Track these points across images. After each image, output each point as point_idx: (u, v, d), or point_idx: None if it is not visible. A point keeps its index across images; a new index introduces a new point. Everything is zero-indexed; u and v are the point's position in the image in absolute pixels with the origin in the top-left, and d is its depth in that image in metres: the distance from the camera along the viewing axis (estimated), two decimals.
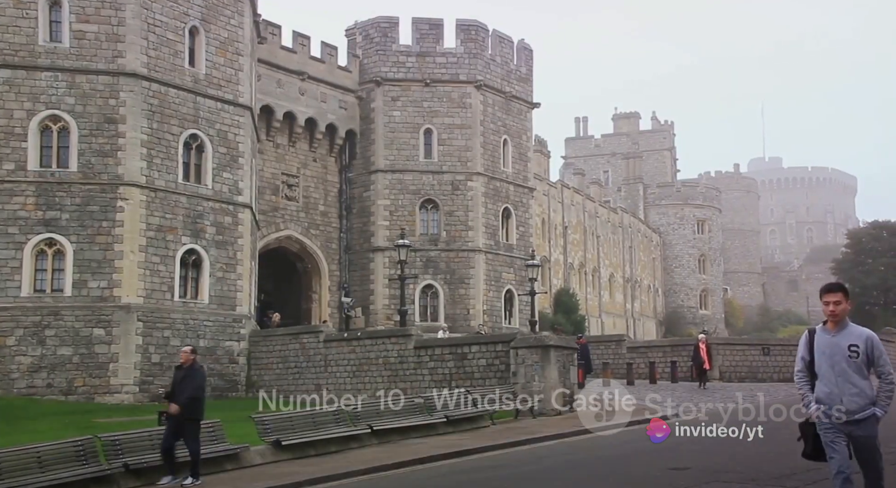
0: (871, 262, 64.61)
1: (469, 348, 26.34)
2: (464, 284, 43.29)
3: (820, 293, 7.29)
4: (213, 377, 31.67)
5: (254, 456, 16.79)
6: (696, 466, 12.66)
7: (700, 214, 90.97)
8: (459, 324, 42.41)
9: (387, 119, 44.02)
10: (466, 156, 44.30)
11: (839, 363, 7.11)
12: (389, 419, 19.41)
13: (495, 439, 18.29)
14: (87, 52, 30.13)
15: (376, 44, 44.65)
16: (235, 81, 33.94)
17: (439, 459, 16.15)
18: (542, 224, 60.11)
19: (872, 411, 7.10)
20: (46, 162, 29.64)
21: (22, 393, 27.95)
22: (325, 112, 43.20)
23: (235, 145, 33.69)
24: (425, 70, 44.37)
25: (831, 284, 7.34)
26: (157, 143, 30.93)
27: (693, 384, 30.67)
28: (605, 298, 73.30)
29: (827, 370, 7.17)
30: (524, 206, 47.71)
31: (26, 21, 29.70)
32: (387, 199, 43.58)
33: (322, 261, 43.23)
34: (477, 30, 45.40)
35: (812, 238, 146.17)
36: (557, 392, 23.17)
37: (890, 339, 43.67)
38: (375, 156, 43.90)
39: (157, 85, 31.06)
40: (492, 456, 16.39)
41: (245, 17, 34.66)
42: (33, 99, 29.58)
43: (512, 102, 47.10)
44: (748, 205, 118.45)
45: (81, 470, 14.05)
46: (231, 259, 32.99)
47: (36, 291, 29.07)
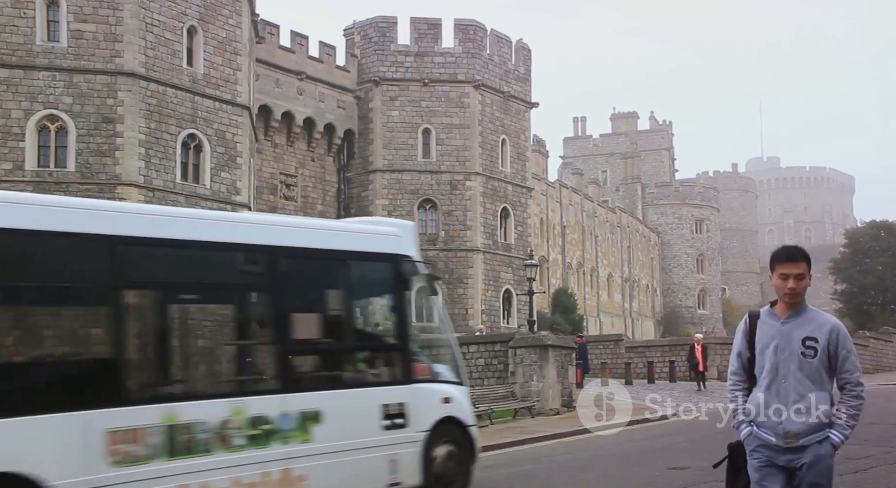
0: (869, 262, 64.61)
1: (467, 348, 26.25)
2: (462, 284, 43.29)
3: (772, 261, 4.97)
4: None
5: None
6: (694, 466, 12.65)
7: (698, 214, 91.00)
8: (458, 323, 42.38)
9: (385, 119, 44.01)
10: (465, 156, 44.29)
11: (786, 362, 4.87)
12: None
13: (493, 439, 18.25)
14: (85, 52, 30.10)
15: (375, 43, 44.64)
16: (233, 81, 33.92)
17: None
18: (540, 224, 60.11)
19: (826, 434, 4.83)
20: (44, 161, 29.63)
21: None
22: (323, 112, 43.18)
23: (233, 145, 33.66)
24: (423, 70, 44.36)
25: (791, 249, 4.99)
26: (154, 143, 30.90)
27: (692, 384, 30.66)
28: (604, 298, 73.32)
29: (768, 371, 4.93)
30: (522, 206, 47.70)
31: (24, 20, 29.68)
32: (385, 199, 43.57)
33: None
34: (475, 30, 45.40)
35: (810, 238, 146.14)
36: (556, 391, 23.17)
37: (888, 339, 43.69)
38: (374, 156, 43.88)
39: (155, 84, 31.03)
40: (490, 455, 16.34)
41: (243, 17, 34.64)
42: (31, 98, 29.55)
43: (510, 102, 47.10)
44: (746, 205, 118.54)
45: None
46: None
47: None
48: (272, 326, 9.01)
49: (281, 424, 8.40)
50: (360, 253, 9.87)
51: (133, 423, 7.37)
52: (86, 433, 7.10)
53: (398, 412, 9.42)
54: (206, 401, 8.06)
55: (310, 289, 9.74)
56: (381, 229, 10.38)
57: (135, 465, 7.30)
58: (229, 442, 7.97)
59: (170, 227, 8.34)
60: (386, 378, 9.81)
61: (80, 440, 7.07)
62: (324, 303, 9.74)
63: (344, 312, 9.79)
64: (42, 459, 6.79)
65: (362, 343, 10.21)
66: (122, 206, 11.07)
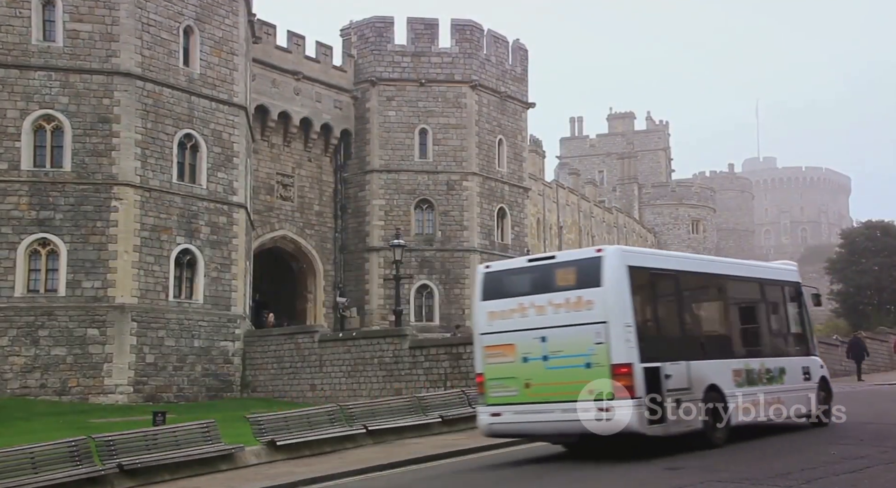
0: (865, 262, 64.61)
1: (464, 348, 26.31)
2: (459, 284, 43.28)
3: None
4: (208, 377, 31.64)
5: (249, 456, 16.76)
6: (691, 465, 12.65)
7: (695, 214, 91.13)
8: (455, 323, 42.38)
9: (382, 119, 43.98)
10: (461, 156, 44.29)
11: None
12: (384, 419, 19.40)
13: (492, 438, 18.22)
14: (81, 52, 30.04)
15: (371, 44, 44.62)
16: (230, 81, 33.88)
17: (435, 459, 16.13)
18: (537, 224, 60.12)
19: None
20: (40, 161, 29.56)
21: (15, 394, 27.85)
22: (320, 112, 43.14)
23: (230, 145, 33.62)
24: (420, 70, 44.35)
25: None
26: (151, 143, 30.86)
27: None
28: None
29: None
30: (519, 206, 47.72)
31: (19, 20, 29.62)
32: (382, 199, 43.54)
33: (317, 261, 43.17)
34: (472, 30, 45.40)
35: (806, 238, 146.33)
36: None
37: (883, 339, 43.79)
38: (370, 156, 43.86)
39: (151, 84, 30.98)
40: (488, 455, 16.35)
41: (240, 17, 34.60)
42: (27, 98, 29.49)
43: (507, 102, 47.10)
44: (743, 205, 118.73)
45: (75, 471, 14.01)
46: (226, 259, 32.92)
47: (29, 291, 28.97)
48: (767, 321, 17.38)
49: (775, 373, 16.30)
50: (786, 281, 17.99)
51: (737, 367, 15.36)
52: (727, 369, 15.10)
53: (807, 372, 17.28)
54: (755, 359, 16.06)
55: (774, 301, 17.67)
56: (788, 267, 18.87)
57: (740, 387, 15.09)
58: (762, 380, 15.86)
59: (737, 270, 17.60)
60: (801, 352, 17.71)
61: (728, 372, 15.06)
62: (780, 309, 17.79)
63: (785, 314, 17.84)
64: (721, 380, 14.63)
65: (792, 332, 17.96)
66: (724, 260, 21.04)
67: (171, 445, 15.70)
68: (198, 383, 31.20)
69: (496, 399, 14.24)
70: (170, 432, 16.42)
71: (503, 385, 14.17)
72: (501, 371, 14.23)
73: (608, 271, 13.55)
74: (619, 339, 13.17)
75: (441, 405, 20.83)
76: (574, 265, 14.40)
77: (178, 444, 15.83)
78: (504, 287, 14.78)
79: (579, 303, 13.63)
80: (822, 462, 12.16)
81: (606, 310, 13.33)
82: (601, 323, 13.28)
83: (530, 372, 13.86)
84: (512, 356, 14.09)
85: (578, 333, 13.44)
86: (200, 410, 26.16)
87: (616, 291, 13.45)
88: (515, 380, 14.03)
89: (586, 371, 13.24)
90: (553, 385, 13.60)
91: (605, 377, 13.06)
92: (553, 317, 13.80)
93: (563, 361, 13.53)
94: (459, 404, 20.91)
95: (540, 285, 14.29)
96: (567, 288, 13.92)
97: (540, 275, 14.52)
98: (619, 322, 13.26)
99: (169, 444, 15.70)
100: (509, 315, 14.33)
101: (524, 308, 14.21)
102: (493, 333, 14.47)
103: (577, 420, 13.17)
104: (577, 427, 13.32)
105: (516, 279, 14.93)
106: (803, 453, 13.62)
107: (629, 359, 13.11)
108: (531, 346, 13.88)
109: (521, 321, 14.15)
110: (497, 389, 14.26)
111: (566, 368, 13.48)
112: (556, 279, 14.21)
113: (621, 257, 14.03)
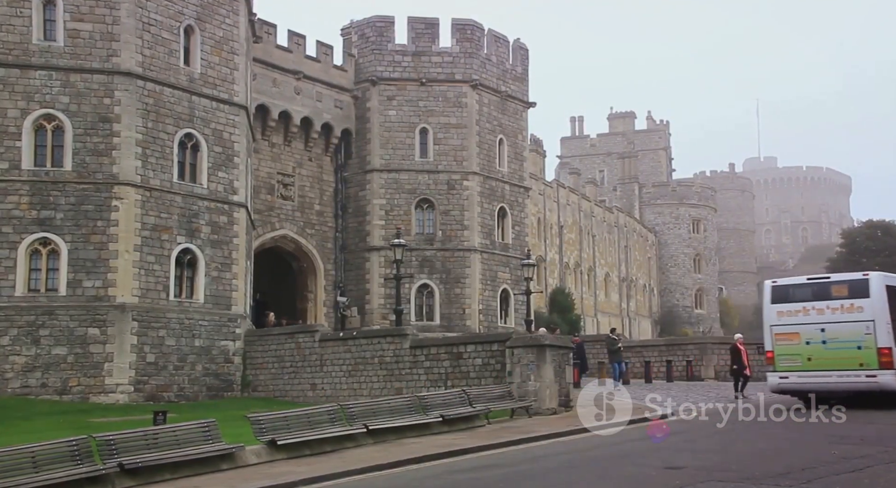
0: (866, 261, 64.75)
1: (465, 347, 26.31)
2: (459, 284, 43.26)
3: None
4: (209, 376, 31.64)
5: (249, 455, 16.76)
6: (691, 465, 12.66)
7: (695, 214, 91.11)
8: (455, 323, 42.40)
9: (382, 118, 43.97)
10: (462, 156, 44.27)
11: None
12: (385, 418, 19.38)
13: (491, 438, 18.26)
14: (82, 51, 30.04)
15: (372, 43, 44.61)
16: (231, 80, 33.87)
17: (435, 458, 16.13)
18: (537, 223, 60.15)
19: None
20: (41, 161, 29.54)
21: (16, 393, 27.86)
22: (320, 111, 43.13)
23: (231, 144, 33.61)
24: (421, 69, 44.34)
25: None
26: (151, 143, 30.85)
27: (691, 384, 30.64)
28: (601, 298, 73.36)
29: None
30: (520, 206, 47.70)
31: (20, 20, 29.61)
32: (382, 199, 43.53)
33: (318, 261, 43.17)
34: (472, 29, 45.39)
35: (807, 237, 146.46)
36: (553, 391, 23.17)
37: None
38: (371, 156, 43.85)
39: (151, 84, 30.97)
40: (487, 455, 16.37)
41: (240, 17, 34.59)
42: (27, 98, 29.48)
43: (507, 102, 47.09)
44: (743, 205, 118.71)
45: (76, 470, 14.00)
46: (226, 258, 32.92)
47: (30, 291, 28.97)
48: None
49: None
50: None
51: None
52: None
53: None
54: None
55: None
56: None
57: None
58: None
59: None
60: None
61: None
62: None
63: None
64: None
65: None
66: None
67: (171, 445, 15.70)
68: (198, 382, 31.20)
69: (784, 367, 20.85)
70: (170, 431, 16.42)
71: (790, 358, 20.78)
72: (788, 349, 20.89)
73: (875, 288, 20.25)
74: (883, 332, 19.84)
75: (441, 404, 20.81)
76: (846, 283, 21.32)
77: (179, 444, 15.83)
78: (789, 295, 21.51)
79: (852, 308, 20.25)
80: (822, 461, 12.16)
81: (874, 313, 19.92)
82: (870, 321, 19.90)
83: (812, 351, 20.48)
84: (797, 340, 20.78)
85: (853, 327, 20.02)
86: (201, 410, 26.16)
87: (880, 301, 20.10)
88: (799, 356, 20.65)
89: (858, 352, 19.93)
90: (831, 359, 20.15)
91: (873, 355, 19.72)
92: (830, 316, 20.40)
93: (839, 344, 20.12)
94: (460, 403, 20.91)
95: (819, 295, 21.00)
96: (841, 297, 20.55)
97: (819, 289, 21.32)
98: (883, 320, 19.91)
99: (169, 444, 15.70)
100: (794, 314, 20.94)
101: (807, 310, 20.84)
102: (782, 325, 21.10)
103: (850, 382, 19.74)
104: (849, 386, 19.72)
105: (799, 290, 21.64)
106: (803, 453, 13.61)
107: (889, 344, 19.79)
108: (813, 334, 20.55)
109: (805, 318, 20.75)
110: (784, 361, 20.87)
111: (842, 349, 20.07)
112: (831, 291, 20.92)
113: (882, 279, 20.66)
